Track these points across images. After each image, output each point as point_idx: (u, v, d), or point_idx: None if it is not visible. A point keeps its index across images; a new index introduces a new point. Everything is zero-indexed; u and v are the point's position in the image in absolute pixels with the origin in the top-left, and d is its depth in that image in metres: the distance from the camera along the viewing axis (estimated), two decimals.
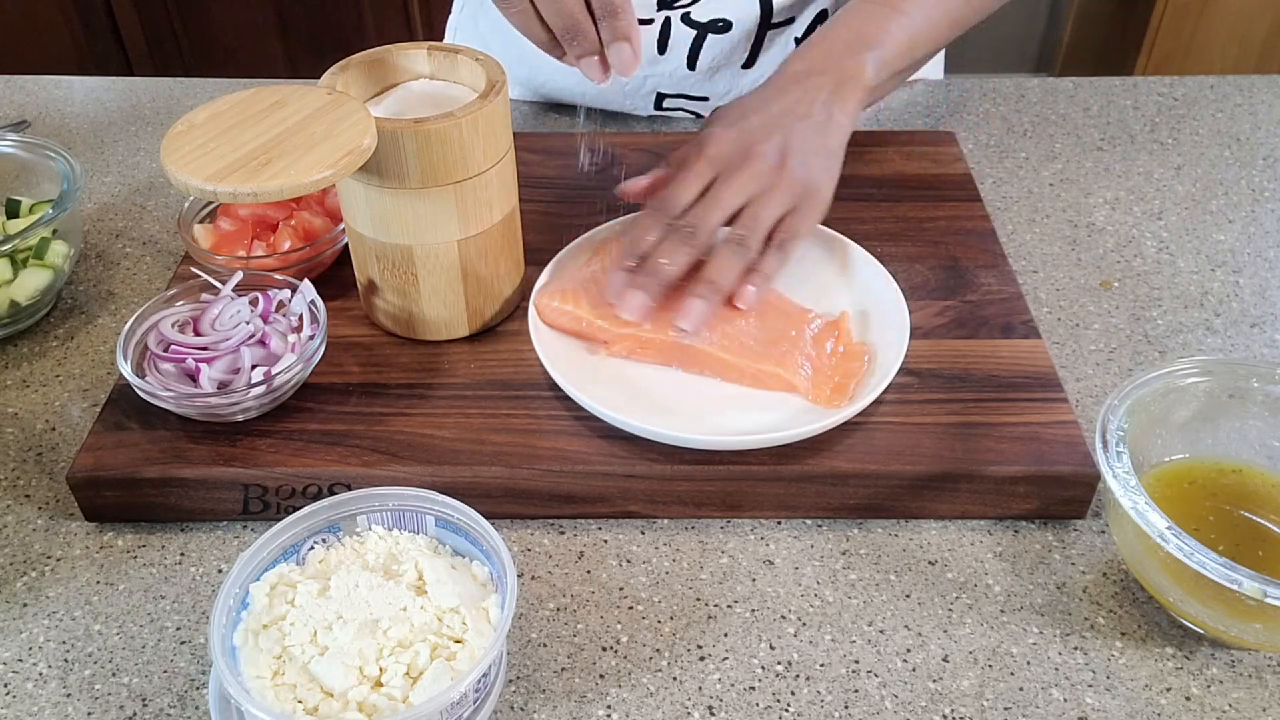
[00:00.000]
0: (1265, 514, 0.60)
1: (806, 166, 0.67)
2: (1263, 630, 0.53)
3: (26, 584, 0.62)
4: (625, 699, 0.55)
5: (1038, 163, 0.95)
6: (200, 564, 0.63)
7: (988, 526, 0.64)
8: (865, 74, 0.72)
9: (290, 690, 0.50)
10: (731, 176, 0.66)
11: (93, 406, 0.72)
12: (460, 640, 0.52)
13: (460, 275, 0.68)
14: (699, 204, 0.66)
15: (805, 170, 0.67)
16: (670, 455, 0.62)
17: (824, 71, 0.71)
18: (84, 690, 0.56)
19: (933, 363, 0.69)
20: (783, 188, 0.66)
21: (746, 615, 0.59)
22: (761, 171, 0.66)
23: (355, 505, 0.57)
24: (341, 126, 0.61)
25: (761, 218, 0.66)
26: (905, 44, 0.75)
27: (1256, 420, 0.62)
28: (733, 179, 0.66)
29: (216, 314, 0.67)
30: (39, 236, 0.76)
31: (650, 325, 0.67)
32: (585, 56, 0.65)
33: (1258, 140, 0.97)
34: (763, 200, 0.66)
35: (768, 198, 0.66)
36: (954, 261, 0.77)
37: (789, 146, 0.67)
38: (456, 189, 0.65)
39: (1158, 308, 0.79)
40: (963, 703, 0.55)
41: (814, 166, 0.68)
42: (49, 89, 1.10)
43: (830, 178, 0.68)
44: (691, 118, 1.01)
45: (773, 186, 0.66)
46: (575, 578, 0.61)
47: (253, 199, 0.57)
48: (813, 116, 0.69)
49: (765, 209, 0.66)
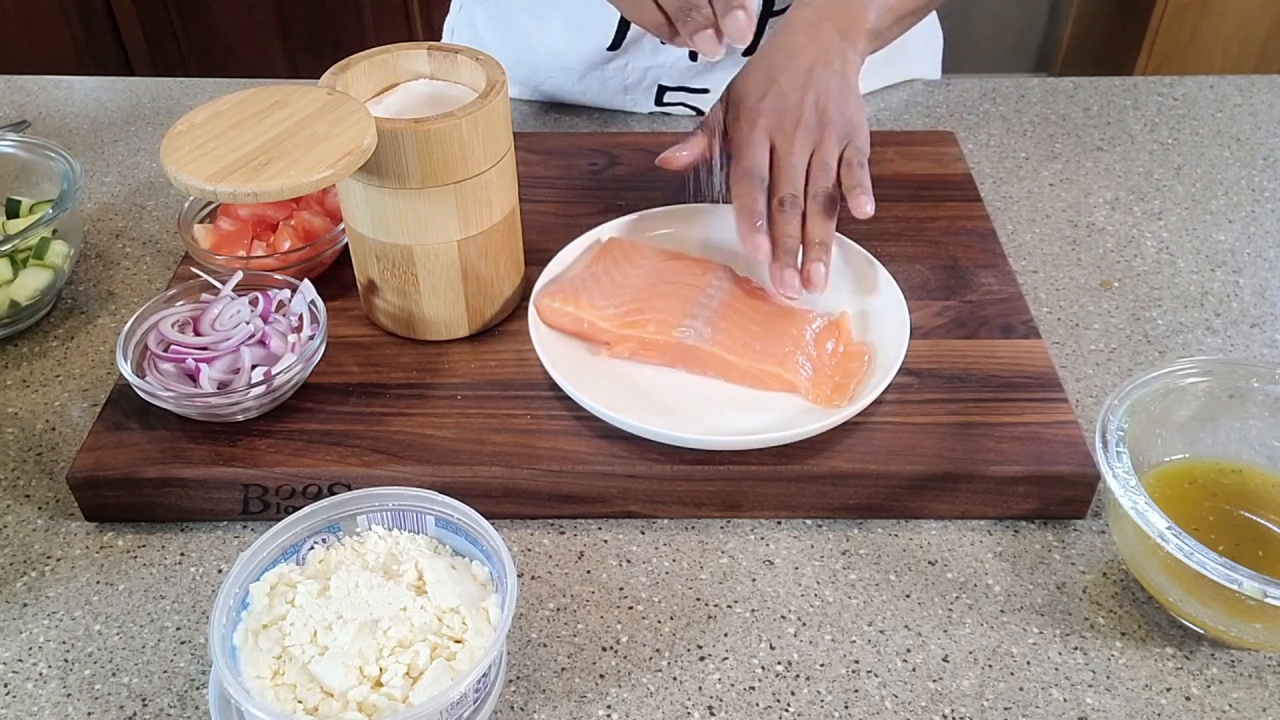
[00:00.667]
0: (1265, 514, 0.60)
1: (842, 110, 0.73)
2: (1263, 630, 0.53)
3: (26, 584, 0.62)
4: (625, 699, 0.55)
5: (1038, 163, 0.95)
6: (200, 564, 0.63)
7: (988, 526, 0.64)
8: (867, 17, 0.78)
9: (290, 690, 0.50)
10: (791, 142, 0.72)
11: (93, 406, 0.72)
12: (460, 640, 0.52)
13: (460, 275, 0.68)
14: (781, 178, 0.72)
15: (842, 113, 0.73)
16: (670, 455, 0.62)
17: (829, 17, 0.77)
18: (84, 690, 0.56)
19: (933, 363, 0.69)
20: (832, 134, 0.73)
21: (746, 615, 0.59)
22: (811, 127, 0.73)
23: (355, 505, 0.57)
24: (341, 126, 0.61)
25: (828, 166, 0.72)
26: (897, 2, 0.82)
27: (1256, 420, 0.62)
28: (793, 144, 0.72)
29: (216, 314, 0.67)
30: (39, 236, 0.76)
31: (653, 327, 0.67)
32: (699, 31, 0.66)
33: (1258, 140, 0.97)
34: (822, 151, 0.72)
35: (825, 147, 0.73)
36: (954, 261, 0.77)
37: (822, 97, 0.73)
38: (456, 189, 0.65)
39: (1158, 308, 0.79)
40: (963, 703, 0.55)
41: (848, 106, 0.74)
42: (49, 89, 1.10)
43: (861, 111, 0.75)
44: (691, 114, 1.01)
45: (824, 137, 0.73)
46: (575, 578, 0.61)
47: (253, 199, 0.57)
48: (832, 64, 0.75)
49: (828, 157, 0.72)
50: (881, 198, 0.84)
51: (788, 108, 0.73)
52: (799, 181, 0.72)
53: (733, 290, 0.71)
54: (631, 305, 0.69)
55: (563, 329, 0.70)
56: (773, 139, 0.73)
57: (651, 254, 0.74)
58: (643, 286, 0.71)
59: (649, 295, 0.70)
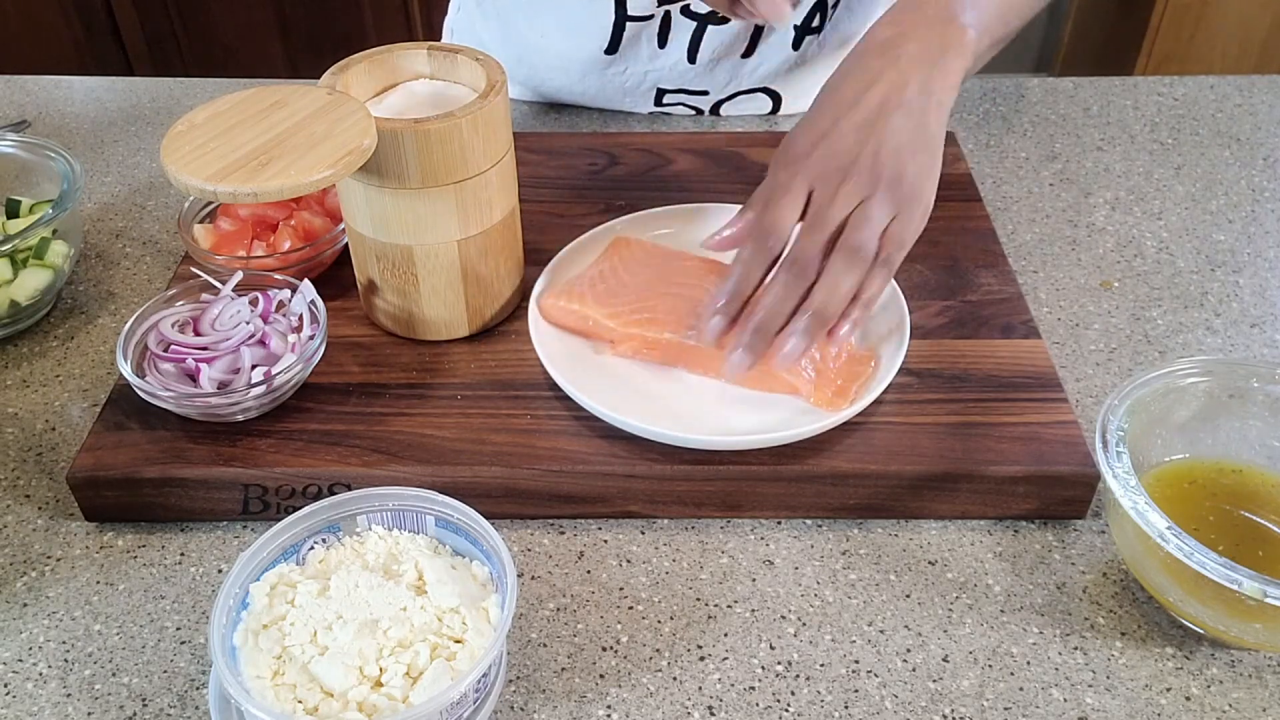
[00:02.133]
0: (1265, 514, 0.60)
1: (905, 166, 0.60)
2: (1263, 630, 0.53)
3: (26, 584, 0.62)
4: (625, 699, 0.55)
5: (1038, 163, 0.95)
6: (200, 564, 0.63)
7: (988, 526, 0.64)
8: (968, 38, 0.62)
9: (290, 690, 0.50)
10: (834, 192, 0.59)
11: (93, 406, 0.72)
12: (460, 640, 0.52)
13: (460, 275, 0.68)
14: (806, 229, 0.59)
15: (905, 172, 0.60)
16: (670, 455, 0.62)
17: (917, 38, 0.62)
18: (84, 690, 0.56)
19: (933, 363, 0.69)
20: (885, 194, 0.59)
21: (746, 615, 0.59)
22: (863, 182, 0.59)
23: (355, 505, 0.57)
24: (341, 126, 0.61)
25: (874, 219, 0.59)
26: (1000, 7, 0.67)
27: (1256, 420, 0.62)
28: (836, 195, 0.59)
29: (216, 314, 0.67)
30: (39, 236, 0.76)
31: (657, 327, 0.67)
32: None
33: (1258, 140, 0.97)
34: (869, 206, 0.59)
35: (871, 205, 0.59)
36: (954, 261, 0.77)
37: (886, 146, 0.60)
38: (456, 189, 0.65)
39: (1158, 308, 0.79)
40: (963, 703, 0.55)
41: (915, 166, 0.60)
42: (49, 89, 1.10)
43: (932, 178, 0.62)
44: (691, 113, 1.01)
45: (874, 195, 0.59)
46: (575, 578, 0.61)
47: (253, 199, 0.57)
48: (908, 103, 0.60)
49: (876, 210, 0.59)
50: None
51: (842, 153, 0.60)
52: (824, 235, 0.59)
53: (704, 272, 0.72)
54: (637, 304, 0.69)
55: (567, 327, 0.70)
56: (813, 187, 0.60)
57: (658, 254, 0.74)
58: (648, 286, 0.71)
59: (655, 295, 0.70)
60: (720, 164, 0.88)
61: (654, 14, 0.91)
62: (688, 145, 0.90)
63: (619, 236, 0.76)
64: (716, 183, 0.86)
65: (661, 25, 0.92)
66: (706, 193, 0.84)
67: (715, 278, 0.72)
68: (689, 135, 0.94)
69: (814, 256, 0.59)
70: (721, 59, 0.95)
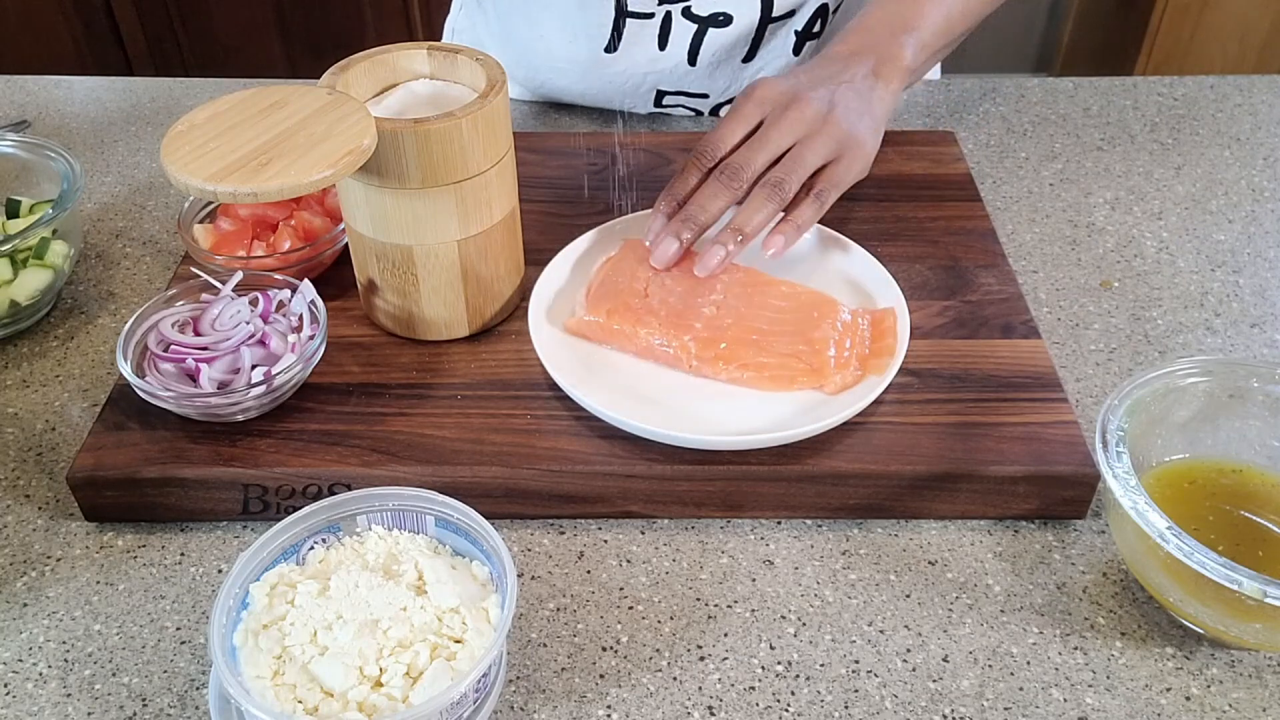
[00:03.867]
0: (1265, 514, 0.60)
1: (850, 117, 0.67)
2: (1263, 630, 0.53)
3: (26, 584, 0.62)
4: (625, 699, 0.55)
5: (1038, 163, 0.95)
6: (200, 564, 0.63)
7: (988, 526, 0.64)
8: (905, 55, 0.73)
9: (290, 690, 0.50)
10: (779, 119, 0.66)
11: (93, 406, 0.72)
12: (460, 640, 0.52)
13: (460, 275, 0.68)
14: (744, 147, 0.65)
15: (849, 120, 0.67)
16: (670, 455, 0.62)
17: (865, 53, 0.72)
18: (84, 690, 0.56)
19: (933, 363, 0.69)
20: (827, 133, 0.66)
21: (746, 615, 0.59)
22: (808, 116, 0.66)
23: (355, 505, 0.57)
24: (341, 126, 0.61)
25: (805, 160, 0.65)
26: (942, 25, 0.77)
27: (1256, 420, 0.62)
28: (780, 121, 0.66)
29: (216, 314, 0.67)
30: (39, 236, 0.76)
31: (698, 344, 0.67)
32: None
33: (1258, 140, 0.97)
34: (807, 143, 0.66)
35: (812, 141, 0.66)
36: (954, 261, 0.77)
37: (837, 99, 0.68)
38: (456, 189, 0.65)
39: (1158, 308, 0.79)
40: (963, 703, 0.55)
41: (858, 122, 0.68)
42: (49, 89, 1.10)
43: (874, 136, 0.69)
44: (691, 115, 1.01)
45: (817, 132, 0.66)
46: (575, 578, 0.61)
47: (253, 199, 0.57)
48: (857, 84, 0.70)
49: (809, 152, 0.65)
50: (881, 197, 0.85)
51: (799, 93, 0.68)
52: (757, 159, 0.65)
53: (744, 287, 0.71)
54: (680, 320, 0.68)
55: (591, 338, 0.70)
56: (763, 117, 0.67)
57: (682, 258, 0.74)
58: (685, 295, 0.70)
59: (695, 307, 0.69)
60: None
61: (654, 12, 0.91)
62: (688, 145, 0.90)
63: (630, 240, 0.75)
64: None
65: (662, 26, 0.92)
66: None
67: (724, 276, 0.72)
68: (689, 135, 0.94)
69: (741, 168, 0.65)
70: (722, 63, 0.95)
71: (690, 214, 0.64)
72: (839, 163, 0.67)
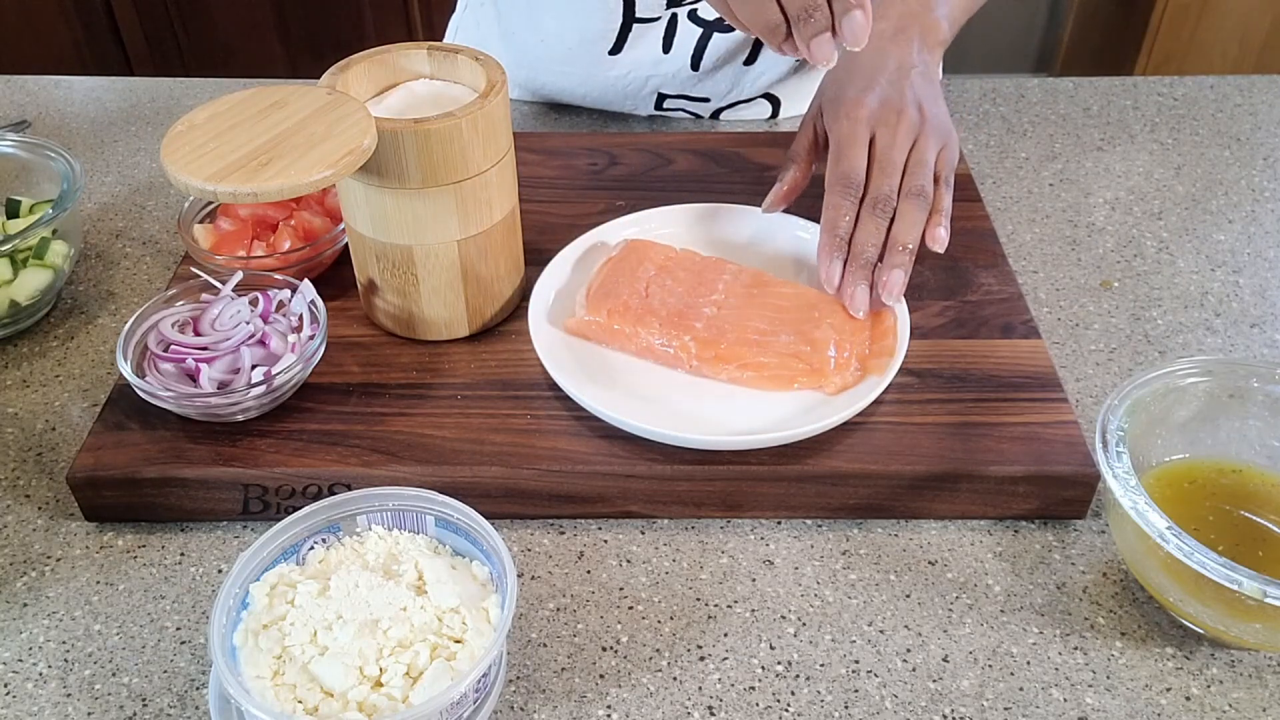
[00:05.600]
0: (1265, 514, 0.60)
1: (937, 111, 0.74)
2: (1263, 630, 0.53)
3: (26, 584, 0.62)
4: (625, 699, 0.55)
5: (1038, 163, 0.95)
6: (200, 564, 0.63)
7: (988, 526, 0.64)
8: (941, 28, 0.79)
9: (290, 690, 0.50)
10: (893, 136, 0.72)
11: (93, 406, 0.72)
12: (460, 640, 0.52)
13: (460, 275, 0.68)
14: (878, 172, 0.71)
15: (938, 114, 0.74)
16: (670, 455, 0.62)
17: (905, 30, 0.77)
18: (84, 690, 0.56)
19: (933, 363, 0.69)
20: (929, 133, 0.72)
21: (746, 615, 0.59)
22: (913, 123, 0.72)
23: (355, 505, 0.57)
24: (341, 126, 0.61)
25: (927, 163, 0.71)
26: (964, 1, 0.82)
27: (1256, 420, 0.62)
28: (896, 137, 0.72)
29: (216, 314, 0.67)
30: (39, 236, 0.76)
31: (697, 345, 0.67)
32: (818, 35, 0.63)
33: (1258, 140, 0.97)
34: (921, 147, 0.72)
35: (924, 143, 0.72)
36: (954, 261, 0.77)
37: (920, 96, 0.74)
38: (456, 189, 0.65)
39: (1158, 308, 0.79)
40: (963, 703, 0.55)
41: (941, 110, 0.75)
42: (49, 89, 1.10)
43: (949, 117, 0.75)
44: (691, 118, 1.01)
45: (924, 133, 0.72)
46: (575, 578, 0.61)
47: (253, 199, 0.57)
48: (919, 67, 0.75)
49: (927, 153, 0.72)
50: None
51: (889, 100, 0.73)
52: (895, 179, 0.71)
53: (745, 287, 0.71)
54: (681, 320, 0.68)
55: (591, 338, 0.70)
56: (874, 132, 0.72)
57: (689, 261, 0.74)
58: (686, 296, 0.70)
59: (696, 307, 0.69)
60: (720, 164, 0.88)
61: (660, 16, 0.91)
62: (688, 145, 0.90)
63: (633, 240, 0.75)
64: (716, 183, 0.86)
65: (667, 29, 0.92)
66: (706, 193, 0.84)
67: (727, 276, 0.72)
68: (689, 135, 0.94)
69: (890, 195, 0.70)
70: (724, 65, 0.95)
71: (864, 255, 0.69)
72: (946, 149, 0.73)
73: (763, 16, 0.63)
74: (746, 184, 0.85)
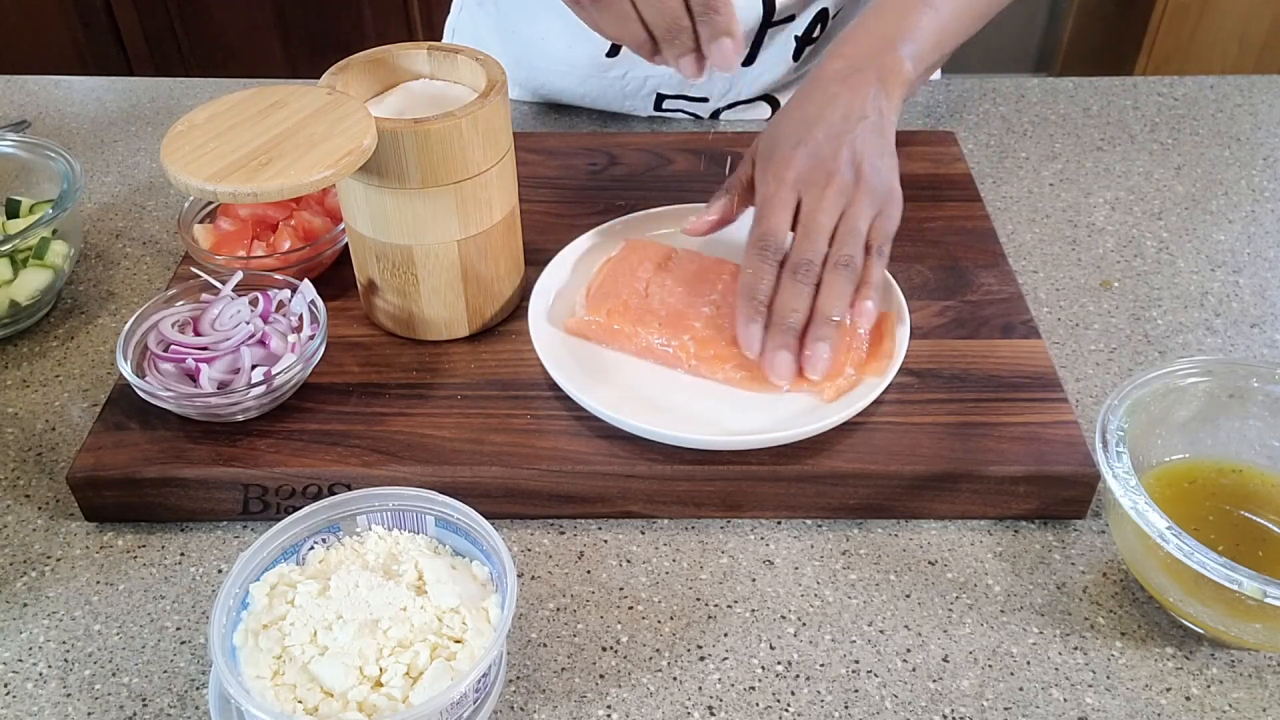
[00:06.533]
0: (1265, 514, 0.60)
1: (879, 170, 0.68)
2: (1263, 630, 0.53)
3: (26, 584, 0.62)
4: (625, 699, 0.55)
5: (1038, 163, 0.95)
6: (200, 564, 0.63)
7: (988, 526, 0.64)
8: (904, 68, 0.72)
9: (290, 690, 0.50)
10: (820, 199, 0.66)
11: (93, 406, 0.72)
12: (460, 640, 0.52)
13: (460, 275, 0.68)
14: (802, 237, 0.66)
15: (879, 175, 0.67)
16: (670, 455, 0.62)
17: (865, 68, 0.71)
18: (84, 690, 0.56)
19: (933, 363, 0.69)
20: (865, 197, 0.67)
21: (746, 615, 0.59)
22: (845, 186, 0.66)
23: (355, 505, 0.57)
24: (341, 126, 0.61)
25: (858, 230, 0.66)
26: (935, 37, 0.76)
27: (1256, 420, 0.62)
28: (822, 201, 0.66)
29: (216, 314, 0.67)
30: (39, 236, 0.76)
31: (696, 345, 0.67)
32: (684, 55, 0.64)
33: (1258, 140, 0.97)
34: (852, 214, 0.66)
35: (856, 209, 0.66)
36: (954, 261, 0.77)
37: (859, 154, 0.67)
38: (456, 189, 0.65)
39: (1158, 308, 0.79)
40: (963, 703, 0.55)
41: (884, 168, 0.68)
42: (49, 89, 1.10)
43: (896, 174, 0.69)
44: (690, 118, 1.01)
45: (856, 198, 0.66)
46: (575, 578, 0.61)
47: (253, 199, 0.57)
48: (868, 117, 0.69)
49: (859, 221, 0.66)
50: None
51: (821, 159, 0.67)
52: (821, 245, 0.65)
53: None
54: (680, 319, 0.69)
55: (591, 338, 0.70)
56: (800, 194, 0.67)
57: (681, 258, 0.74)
58: (686, 296, 0.70)
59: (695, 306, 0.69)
60: (720, 164, 0.88)
61: None
62: (688, 145, 0.90)
63: (633, 241, 0.75)
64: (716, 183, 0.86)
65: None
66: (706, 193, 0.84)
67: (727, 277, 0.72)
68: (689, 135, 0.94)
69: (812, 261, 0.65)
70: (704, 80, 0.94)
71: (786, 322, 0.65)
72: (882, 216, 0.67)
73: (628, 32, 0.64)
74: None
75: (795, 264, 0.65)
